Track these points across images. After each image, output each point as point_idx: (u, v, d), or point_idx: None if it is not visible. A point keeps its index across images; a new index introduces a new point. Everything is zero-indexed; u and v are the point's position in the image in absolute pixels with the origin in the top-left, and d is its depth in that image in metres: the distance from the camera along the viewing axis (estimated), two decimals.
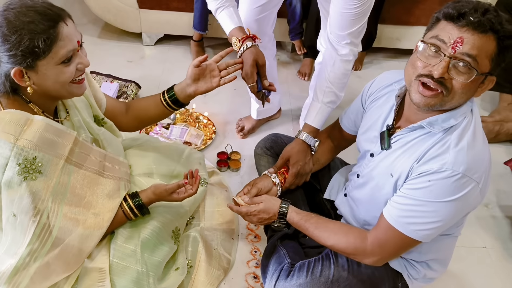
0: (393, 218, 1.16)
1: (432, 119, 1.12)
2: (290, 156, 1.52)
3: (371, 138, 1.30)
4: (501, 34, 0.99)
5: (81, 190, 1.22)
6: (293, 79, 2.66)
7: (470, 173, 1.06)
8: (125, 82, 2.31)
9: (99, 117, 1.38)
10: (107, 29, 2.90)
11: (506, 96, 2.34)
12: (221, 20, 1.56)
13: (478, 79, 1.03)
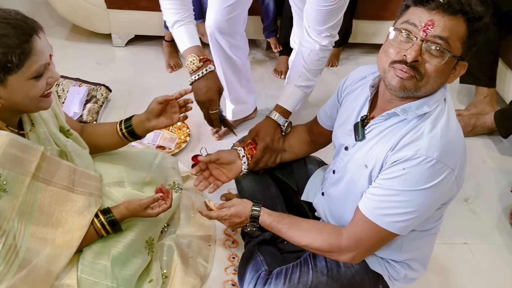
0: (368, 210, 1.13)
1: (405, 106, 1.10)
2: (259, 130, 1.49)
3: (346, 131, 1.28)
4: (470, 15, 1.00)
5: (50, 207, 1.16)
6: (269, 77, 2.61)
7: (444, 159, 1.05)
8: (94, 86, 2.23)
9: (65, 128, 1.32)
10: (75, 31, 2.80)
11: (482, 89, 2.34)
12: (179, 35, 1.48)
13: (451, 62, 1.03)
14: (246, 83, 2.10)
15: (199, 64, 1.43)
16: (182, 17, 1.47)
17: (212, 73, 1.46)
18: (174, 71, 2.57)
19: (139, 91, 2.39)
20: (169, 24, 1.49)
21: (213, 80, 1.45)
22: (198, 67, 1.44)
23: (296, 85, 1.57)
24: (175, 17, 1.46)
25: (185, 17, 1.47)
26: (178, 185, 1.61)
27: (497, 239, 1.80)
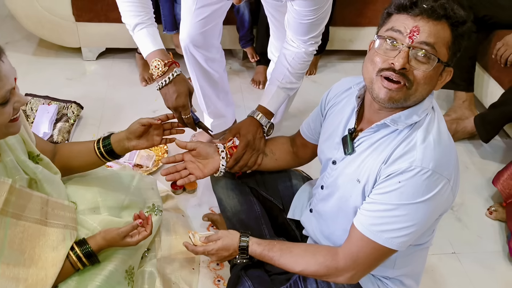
0: (364, 227, 1.08)
1: (395, 116, 1.07)
2: (241, 128, 1.45)
3: (333, 145, 1.24)
4: (454, 20, 0.99)
5: (21, 244, 1.07)
6: (246, 88, 2.55)
7: (440, 170, 1.02)
8: (64, 103, 2.12)
9: (34, 154, 1.22)
10: (42, 45, 2.69)
11: (461, 94, 2.34)
12: (141, 39, 1.39)
13: (438, 68, 1.02)
14: (224, 96, 2.04)
15: (165, 68, 1.36)
16: (143, 20, 1.39)
17: (179, 76, 1.38)
18: (148, 84, 2.48)
19: (112, 107, 2.29)
20: (130, 28, 1.41)
21: (181, 84, 1.38)
22: (164, 71, 1.36)
23: (279, 87, 1.53)
24: (135, 20, 1.38)
25: (146, 20, 1.39)
26: (158, 207, 1.54)
27: (485, 246, 1.78)
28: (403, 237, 1.06)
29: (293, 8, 1.38)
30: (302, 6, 1.36)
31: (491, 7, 2.19)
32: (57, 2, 2.36)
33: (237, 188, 1.49)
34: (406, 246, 1.09)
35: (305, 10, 1.36)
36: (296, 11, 1.38)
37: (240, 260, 1.25)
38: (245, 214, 1.46)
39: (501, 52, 2.12)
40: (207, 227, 1.73)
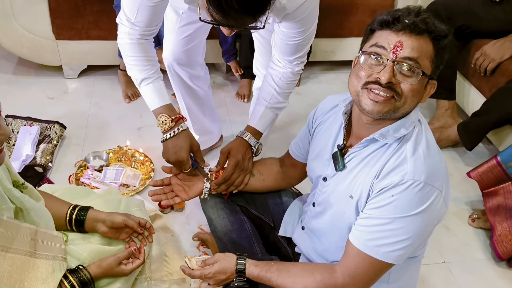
0: (360, 242, 1.08)
1: (383, 130, 1.09)
2: (231, 149, 1.45)
3: (323, 162, 1.24)
4: (436, 34, 1.01)
5: (10, 278, 1.04)
6: (231, 102, 2.54)
7: (431, 181, 1.03)
8: (47, 124, 2.08)
9: (19, 182, 1.19)
10: (22, 64, 2.64)
11: (443, 103, 2.37)
12: (147, 94, 1.41)
13: (423, 80, 1.04)
14: (210, 113, 2.03)
15: (172, 124, 1.39)
16: (149, 74, 1.41)
17: (184, 132, 1.40)
18: (132, 101, 2.46)
19: (96, 126, 2.26)
20: (136, 82, 1.43)
21: (184, 139, 1.40)
22: (171, 127, 1.39)
23: (267, 107, 1.53)
24: (141, 75, 1.40)
25: (152, 74, 1.41)
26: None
27: (474, 254, 1.80)
28: (400, 250, 1.07)
29: (280, 29, 1.39)
30: (289, 28, 1.37)
31: (468, 17, 2.23)
32: (36, 21, 2.33)
33: (227, 207, 1.48)
34: (404, 259, 1.10)
35: (292, 32, 1.38)
36: (283, 33, 1.39)
37: (237, 283, 1.24)
38: (236, 233, 1.45)
39: (480, 61, 2.17)
40: (197, 246, 1.71)
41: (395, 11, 1.02)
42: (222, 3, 1.01)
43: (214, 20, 1.09)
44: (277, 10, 1.26)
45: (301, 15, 1.31)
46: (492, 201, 1.78)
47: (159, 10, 1.36)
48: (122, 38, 1.39)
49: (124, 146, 2.08)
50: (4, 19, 2.28)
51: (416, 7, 1.03)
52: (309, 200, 1.35)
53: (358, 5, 2.61)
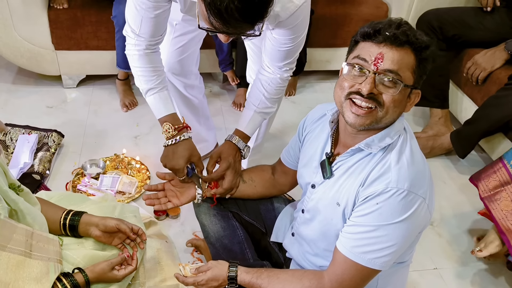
0: (347, 249, 1.11)
1: (368, 140, 1.11)
2: (221, 152, 1.47)
3: (312, 169, 1.27)
4: (417, 45, 1.03)
5: (6, 276, 1.06)
6: (227, 110, 2.58)
7: (415, 189, 1.05)
8: (45, 132, 2.12)
9: (15, 185, 1.22)
10: (22, 73, 2.68)
11: (436, 111, 2.40)
12: (153, 103, 1.47)
13: (405, 91, 1.06)
14: (205, 121, 2.06)
15: (174, 132, 1.44)
16: (155, 85, 1.45)
17: (186, 141, 1.44)
18: (129, 110, 2.49)
19: (93, 134, 2.30)
20: (142, 91, 1.48)
21: (185, 148, 1.43)
22: (174, 135, 1.43)
23: (256, 111, 1.56)
24: (147, 85, 1.45)
25: (157, 84, 1.46)
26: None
27: (465, 261, 1.82)
28: (385, 257, 1.09)
29: (272, 36, 1.42)
30: (281, 35, 1.40)
31: (460, 27, 2.27)
32: (36, 31, 2.37)
33: (220, 214, 1.50)
34: (389, 266, 1.12)
35: (284, 39, 1.41)
36: (275, 39, 1.42)
37: None
38: (228, 239, 1.47)
39: (471, 71, 2.20)
40: (191, 253, 1.73)
41: (376, 23, 1.05)
42: (222, 12, 1.04)
43: (214, 28, 1.11)
44: (271, 18, 1.29)
45: (293, 23, 1.34)
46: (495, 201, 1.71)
47: (161, 21, 1.40)
48: (130, 49, 1.45)
49: (121, 154, 2.11)
50: (4, 29, 2.33)
51: (398, 19, 1.06)
52: (298, 207, 1.37)
53: (352, 16, 2.66)
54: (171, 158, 1.43)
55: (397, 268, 1.24)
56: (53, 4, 2.36)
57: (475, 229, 1.95)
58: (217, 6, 1.03)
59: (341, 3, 2.67)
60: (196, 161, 1.46)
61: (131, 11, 1.38)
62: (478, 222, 1.98)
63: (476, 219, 1.99)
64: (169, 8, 1.40)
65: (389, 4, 2.69)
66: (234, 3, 1.01)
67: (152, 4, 1.31)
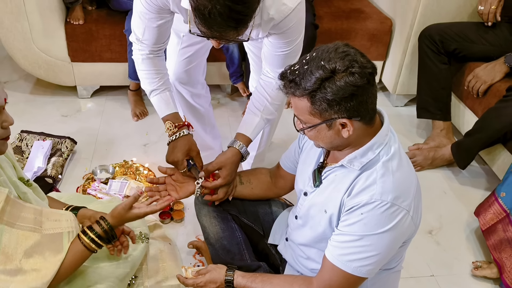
0: (334, 257, 1.16)
1: (351, 156, 1.16)
2: (224, 166, 1.50)
3: (306, 178, 1.33)
4: (296, 94, 1.08)
5: (15, 250, 1.14)
6: (234, 121, 2.66)
7: (398, 202, 1.10)
8: (58, 139, 2.22)
9: (24, 179, 1.31)
10: (39, 84, 2.81)
11: (438, 123, 2.44)
12: (156, 103, 1.58)
13: (320, 127, 1.12)
14: (211, 129, 2.14)
15: (175, 129, 1.52)
16: (157, 86, 1.56)
17: (185, 136, 1.53)
18: (140, 119, 2.59)
19: (105, 142, 2.39)
20: (147, 92, 1.59)
21: (183, 142, 1.51)
22: (174, 132, 1.52)
23: (261, 117, 1.60)
24: (151, 87, 1.56)
25: (160, 85, 1.56)
26: (145, 234, 1.61)
27: (462, 269, 1.84)
28: (370, 265, 1.14)
29: (268, 41, 1.48)
30: (277, 39, 1.45)
31: (461, 41, 2.32)
32: (53, 44, 2.50)
33: (219, 216, 1.57)
34: (375, 273, 1.17)
35: (279, 42, 1.46)
36: (271, 43, 1.48)
37: None
38: (227, 240, 1.53)
39: (472, 84, 2.24)
40: (193, 255, 1.80)
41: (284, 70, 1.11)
42: (206, 16, 1.11)
43: (201, 33, 1.19)
44: (265, 23, 1.35)
45: (287, 25, 1.39)
46: (493, 238, 1.77)
47: (163, 30, 1.50)
48: (135, 54, 1.56)
49: (130, 161, 2.20)
50: (23, 43, 2.46)
51: (287, 69, 1.10)
52: (292, 213, 1.43)
53: (357, 30, 2.73)
54: (171, 152, 1.51)
55: (386, 274, 1.28)
56: (70, 19, 2.49)
57: (473, 239, 1.98)
58: (201, 11, 1.10)
59: (346, 18, 2.74)
60: (195, 156, 1.53)
61: (135, 20, 1.48)
62: (476, 233, 2.00)
63: (475, 229, 2.02)
64: (172, 19, 1.49)
65: (393, 19, 2.75)
66: (217, 8, 1.08)
67: (155, 15, 1.41)
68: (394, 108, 2.85)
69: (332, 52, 1.05)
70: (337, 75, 1.03)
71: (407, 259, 1.34)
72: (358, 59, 1.04)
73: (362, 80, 1.04)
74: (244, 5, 1.11)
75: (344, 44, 1.07)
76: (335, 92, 1.03)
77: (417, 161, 2.33)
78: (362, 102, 1.07)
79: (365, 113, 1.10)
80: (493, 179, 2.29)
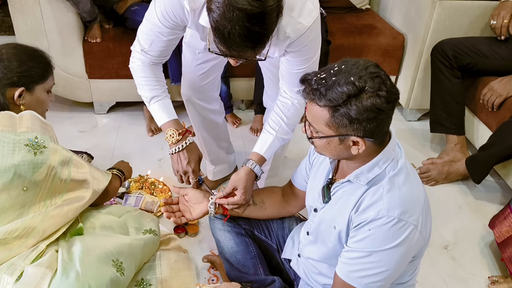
0: (345, 274, 1.17)
1: (357, 171, 1.17)
2: (238, 186, 1.50)
3: (316, 194, 1.34)
4: (319, 103, 1.08)
5: (82, 164, 1.48)
6: (246, 136, 2.68)
7: (405, 217, 1.10)
8: (76, 154, 2.26)
9: None
10: (57, 100, 2.85)
11: (452, 137, 2.43)
12: (156, 110, 1.56)
13: (332, 139, 1.12)
14: (225, 145, 2.16)
15: (178, 137, 1.51)
16: (158, 93, 1.55)
17: (192, 144, 1.54)
18: (155, 134, 2.63)
19: (120, 156, 2.42)
20: (146, 100, 1.56)
21: (193, 151, 1.53)
22: (178, 140, 1.52)
23: (276, 137, 1.60)
24: (151, 93, 1.54)
25: (161, 93, 1.55)
26: (154, 231, 1.64)
27: (478, 284, 1.82)
28: (380, 281, 1.14)
29: (285, 59, 1.50)
30: (293, 57, 1.47)
31: (474, 56, 2.33)
32: (71, 61, 2.56)
33: (234, 230, 1.58)
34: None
35: (296, 60, 1.47)
36: (288, 61, 1.49)
37: None
38: (241, 255, 1.54)
39: (487, 97, 2.24)
40: (208, 269, 1.81)
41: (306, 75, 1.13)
42: (226, 37, 1.14)
43: (220, 52, 1.22)
44: (281, 41, 1.37)
45: (303, 43, 1.40)
46: (509, 250, 1.75)
47: (171, 45, 1.51)
48: (134, 62, 1.53)
49: (145, 175, 2.23)
50: None
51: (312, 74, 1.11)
52: (303, 228, 1.44)
53: (370, 46, 2.75)
54: (184, 163, 1.52)
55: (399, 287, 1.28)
56: (88, 37, 2.55)
57: (489, 254, 1.96)
58: (221, 31, 1.13)
59: (358, 34, 2.77)
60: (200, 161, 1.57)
61: (144, 31, 1.47)
62: (491, 247, 1.98)
63: (490, 244, 2.00)
64: (182, 36, 1.51)
65: (405, 35, 2.77)
66: (236, 29, 1.11)
67: (168, 30, 1.42)
68: (407, 123, 2.85)
69: (363, 70, 1.05)
70: (365, 94, 1.03)
71: (423, 274, 1.34)
72: (387, 83, 1.06)
73: (388, 105, 1.05)
74: (262, 27, 1.13)
75: (375, 65, 1.07)
76: (360, 112, 1.04)
77: (431, 176, 2.32)
78: (380, 125, 1.08)
79: (379, 135, 1.11)
80: (508, 193, 2.27)
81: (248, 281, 1.45)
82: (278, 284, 1.46)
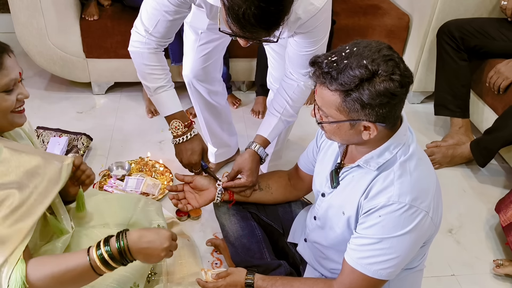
0: (354, 260, 1.14)
1: (367, 156, 1.14)
2: (243, 168, 1.50)
3: (323, 178, 1.31)
4: (330, 88, 1.03)
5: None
6: (248, 118, 2.64)
7: (417, 203, 1.07)
8: (75, 135, 2.22)
9: None
10: (54, 80, 2.81)
11: (457, 120, 2.41)
12: (162, 100, 1.51)
13: (342, 125, 1.08)
14: (227, 127, 2.12)
15: (184, 129, 1.50)
16: (164, 83, 1.50)
17: (196, 136, 1.52)
18: (154, 116, 2.58)
19: (120, 138, 2.39)
20: (149, 89, 1.51)
21: (197, 143, 1.51)
22: (184, 132, 1.49)
23: (280, 119, 1.58)
24: (157, 83, 1.49)
25: (166, 82, 1.51)
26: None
27: (483, 268, 1.81)
28: (390, 267, 1.12)
29: (293, 40, 1.46)
30: (303, 38, 1.43)
31: (482, 37, 2.28)
32: (68, 40, 2.49)
33: (239, 214, 1.56)
34: (396, 275, 1.15)
35: (305, 42, 1.44)
36: (296, 43, 1.46)
37: None
38: (247, 238, 1.52)
39: (494, 80, 2.20)
40: (211, 252, 1.79)
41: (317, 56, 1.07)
42: (240, 17, 1.09)
43: (232, 32, 1.18)
44: (292, 22, 1.33)
45: (314, 24, 1.37)
46: None
47: (176, 25, 1.45)
48: (138, 47, 1.45)
49: (145, 157, 2.19)
50: (39, 38, 2.45)
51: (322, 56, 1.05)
52: (311, 213, 1.41)
53: (375, 26, 2.69)
54: (188, 154, 1.51)
55: (407, 273, 1.26)
56: (85, 15, 2.48)
57: (494, 237, 1.95)
58: (236, 11, 1.08)
59: (363, 14, 2.72)
60: (204, 153, 1.55)
61: (148, 11, 1.39)
62: (496, 231, 1.97)
63: (495, 227, 1.99)
64: (188, 14, 1.46)
65: (411, 15, 2.72)
66: (251, 9, 1.06)
67: (174, 8, 1.36)
68: (411, 105, 2.82)
69: (376, 52, 1.00)
70: (378, 78, 0.99)
71: (427, 258, 1.32)
72: (400, 66, 1.01)
73: (401, 90, 1.01)
74: (278, 7, 1.09)
75: (388, 47, 1.03)
76: (373, 96, 1.00)
77: (435, 159, 2.30)
78: (392, 110, 1.05)
79: (391, 120, 1.08)
80: None
81: (253, 265, 1.43)
82: (285, 268, 1.44)
